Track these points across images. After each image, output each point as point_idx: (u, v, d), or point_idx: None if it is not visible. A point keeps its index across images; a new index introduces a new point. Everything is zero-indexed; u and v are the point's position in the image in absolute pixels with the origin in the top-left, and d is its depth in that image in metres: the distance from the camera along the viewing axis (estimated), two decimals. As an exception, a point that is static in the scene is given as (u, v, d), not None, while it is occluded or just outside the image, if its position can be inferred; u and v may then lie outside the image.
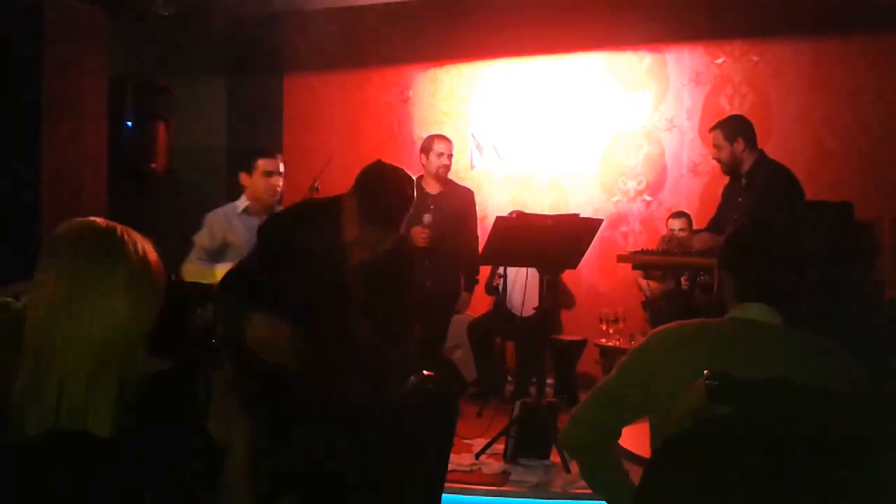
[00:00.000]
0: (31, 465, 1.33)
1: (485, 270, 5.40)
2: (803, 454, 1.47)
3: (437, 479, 2.09)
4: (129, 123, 5.35)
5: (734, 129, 4.03)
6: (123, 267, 1.41)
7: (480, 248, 4.53)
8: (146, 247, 1.47)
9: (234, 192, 6.05)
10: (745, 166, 4.00)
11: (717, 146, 4.07)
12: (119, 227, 1.46)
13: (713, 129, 4.13)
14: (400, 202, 2.41)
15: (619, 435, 1.94)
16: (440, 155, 4.71)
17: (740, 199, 4.03)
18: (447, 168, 4.72)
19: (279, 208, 3.81)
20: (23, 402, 1.35)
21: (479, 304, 5.75)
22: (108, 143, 5.07)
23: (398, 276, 2.53)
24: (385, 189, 2.38)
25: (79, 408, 1.35)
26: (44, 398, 1.35)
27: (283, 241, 2.47)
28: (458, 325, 5.53)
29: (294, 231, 2.49)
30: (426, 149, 4.77)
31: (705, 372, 1.58)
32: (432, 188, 4.71)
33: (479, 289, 5.57)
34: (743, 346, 1.76)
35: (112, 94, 5.13)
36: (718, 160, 4.11)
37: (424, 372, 2.06)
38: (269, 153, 3.89)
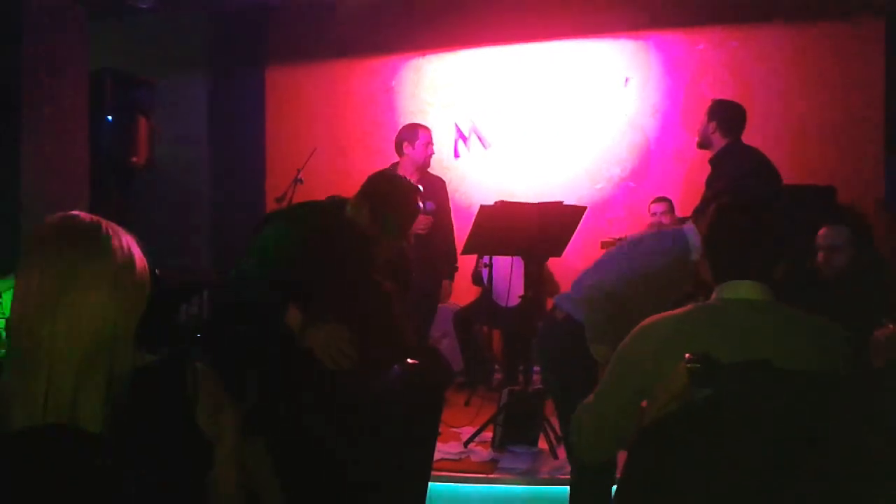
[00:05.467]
0: (19, 458, 1.33)
1: (470, 260, 5.40)
2: (785, 437, 1.49)
3: (423, 467, 2.10)
4: (110, 118, 5.31)
5: (716, 111, 4.09)
6: (109, 262, 1.41)
7: (465, 237, 4.53)
8: (130, 242, 1.47)
9: (217, 184, 6.01)
10: (713, 150, 4.05)
11: (703, 118, 4.14)
12: (104, 223, 1.45)
13: (711, 100, 4.22)
14: (411, 213, 2.50)
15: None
16: (427, 144, 4.67)
17: (713, 185, 4.06)
18: (431, 157, 4.70)
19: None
20: (9, 398, 1.35)
21: (465, 293, 5.76)
22: (88, 137, 5.03)
23: (402, 278, 2.60)
24: (399, 200, 2.45)
25: (67, 403, 1.34)
26: (32, 394, 1.34)
27: (297, 239, 2.46)
28: (444, 314, 5.54)
29: (305, 230, 2.49)
30: (410, 138, 4.69)
31: (686, 355, 1.59)
32: (411, 177, 4.66)
33: (465, 278, 5.58)
34: (732, 326, 1.76)
35: (92, 88, 5.09)
36: (697, 132, 4.18)
37: (409, 361, 2.07)
38: None
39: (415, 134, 4.67)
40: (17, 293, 1.40)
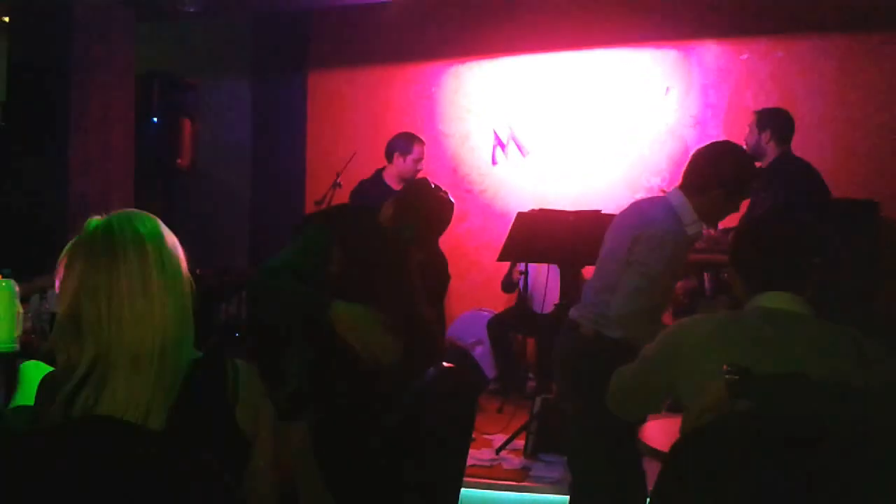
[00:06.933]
0: (68, 448, 1.35)
1: (502, 267, 5.40)
2: (822, 450, 1.47)
3: (455, 473, 2.10)
4: (155, 120, 5.42)
5: (767, 119, 4.06)
6: (172, 258, 1.45)
7: (501, 244, 4.53)
8: (175, 241, 1.51)
9: (258, 186, 6.05)
10: (765, 161, 4.00)
11: (749, 130, 4.11)
12: (159, 221, 1.50)
13: (755, 112, 4.19)
14: (436, 226, 2.50)
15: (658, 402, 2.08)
16: (417, 161, 4.62)
17: (763, 195, 4.02)
18: (418, 173, 4.64)
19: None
20: (73, 390, 1.37)
21: (499, 300, 5.76)
22: (134, 139, 5.14)
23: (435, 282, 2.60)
24: (421, 210, 2.46)
25: (144, 404, 1.38)
26: (102, 388, 1.37)
27: (336, 236, 2.48)
28: (479, 321, 5.54)
29: (344, 228, 2.52)
30: (403, 150, 4.59)
31: (724, 367, 1.59)
32: (396, 185, 4.59)
33: (497, 285, 5.58)
34: (768, 336, 1.75)
35: (138, 91, 5.20)
36: (745, 143, 4.14)
37: (444, 364, 2.08)
38: None
39: (409, 147, 4.59)
40: (88, 289, 1.40)
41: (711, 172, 2.57)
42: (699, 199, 2.57)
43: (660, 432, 2.16)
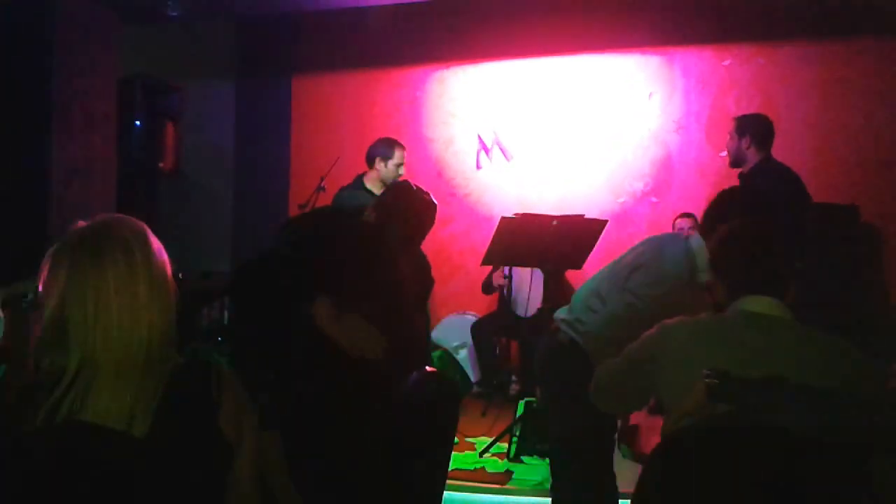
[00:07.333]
0: (54, 454, 1.35)
1: (486, 270, 5.41)
2: (801, 453, 1.49)
3: (438, 477, 2.11)
4: (139, 123, 5.39)
5: (746, 125, 4.09)
6: (157, 266, 1.45)
7: (485, 248, 4.54)
8: (160, 246, 1.50)
9: (242, 190, 6.05)
10: (747, 167, 4.03)
11: (730, 136, 4.14)
12: (146, 227, 1.49)
13: (735, 118, 4.22)
14: (418, 228, 2.49)
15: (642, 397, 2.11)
16: (398, 166, 4.62)
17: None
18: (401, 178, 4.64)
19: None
20: (60, 395, 1.37)
21: (483, 303, 5.77)
22: (117, 142, 5.10)
23: (418, 286, 2.60)
24: (403, 212, 2.45)
25: (127, 409, 1.37)
26: (87, 393, 1.36)
27: (320, 238, 2.47)
28: (463, 324, 5.55)
29: (328, 230, 2.51)
30: (384, 155, 4.59)
31: (704, 371, 1.60)
32: (377, 191, 4.58)
33: (478, 288, 5.59)
34: (750, 341, 1.77)
35: (121, 94, 5.17)
36: (726, 150, 4.18)
37: (427, 369, 2.08)
38: None
39: (391, 152, 4.57)
40: (73, 293, 1.39)
41: (714, 213, 2.55)
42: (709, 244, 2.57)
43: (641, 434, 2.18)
